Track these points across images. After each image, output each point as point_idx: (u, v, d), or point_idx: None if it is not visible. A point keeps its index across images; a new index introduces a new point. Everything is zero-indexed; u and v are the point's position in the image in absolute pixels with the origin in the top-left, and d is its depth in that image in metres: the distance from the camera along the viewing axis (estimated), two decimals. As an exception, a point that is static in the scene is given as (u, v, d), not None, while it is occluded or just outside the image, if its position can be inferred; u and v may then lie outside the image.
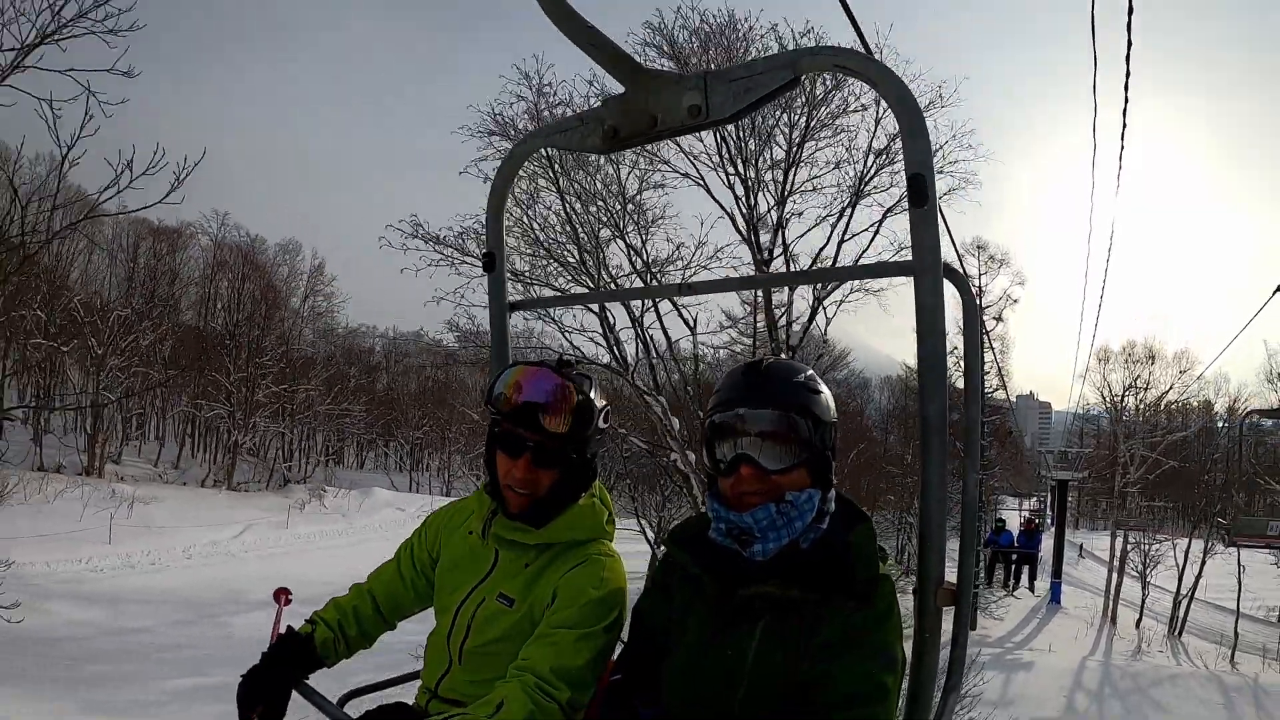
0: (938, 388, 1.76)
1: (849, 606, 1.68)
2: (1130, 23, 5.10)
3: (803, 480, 1.79)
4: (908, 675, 1.77)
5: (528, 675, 1.87)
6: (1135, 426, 32.20)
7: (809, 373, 1.88)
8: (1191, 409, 48.04)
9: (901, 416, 42.98)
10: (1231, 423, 41.03)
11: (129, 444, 43.57)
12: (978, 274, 24.99)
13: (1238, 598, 25.05)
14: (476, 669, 2.10)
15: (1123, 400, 33.13)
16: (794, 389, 1.81)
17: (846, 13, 3.32)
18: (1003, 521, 29.87)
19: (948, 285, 1.84)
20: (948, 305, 1.78)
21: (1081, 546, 43.98)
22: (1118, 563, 28.12)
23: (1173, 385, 33.45)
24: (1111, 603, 27.19)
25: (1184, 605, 26.40)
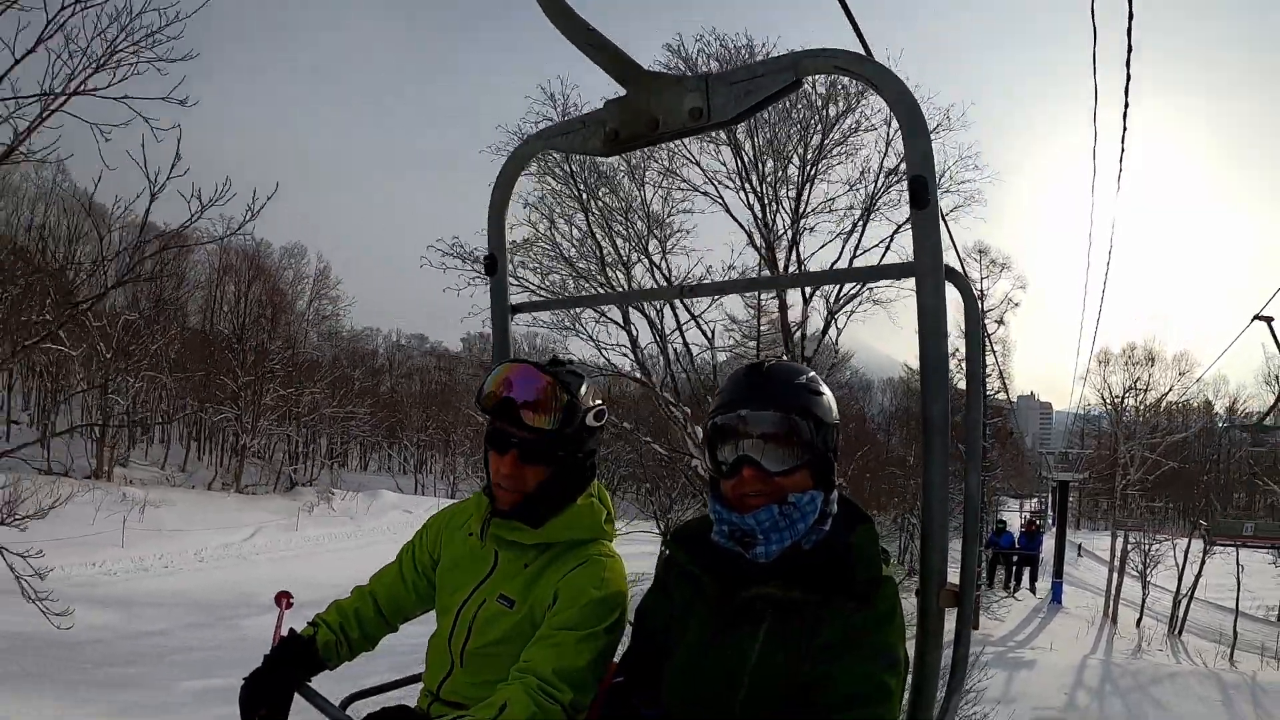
0: (940, 389, 1.76)
1: (850, 607, 1.68)
2: (1130, 28, 5.13)
3: (805, 482, 1.80)
4: (910, 676, 1.77)
5: (530, 677, 1.87)
6: (1135, 427, 32.33)
7: (810, 374, 1.89)
8: (1192, 409, 48.27)
9: (903, 418, 43.04)
10: (1230, 423, 41.32)
11: (135, 447, 43.76)
12: (979, 278, 25.15)
13: (1236, 597, 25.12)
14: (478, 671, 2.11)
15: (1123, 402, 33.29)
16: (796, 391, 1.81)
17: (847, 15, 3.29)
18: (1003, 523, 29.87)
19: (950, 287, 1.84)
20: (950, 307, 1.80)
21: (1080, 546, 44.00)
22: (1118, 563, 28.21)
23: (1172, 387, 33.68)
24: (1112, 602, 27.30)
25: (1184, 604, 26.46)
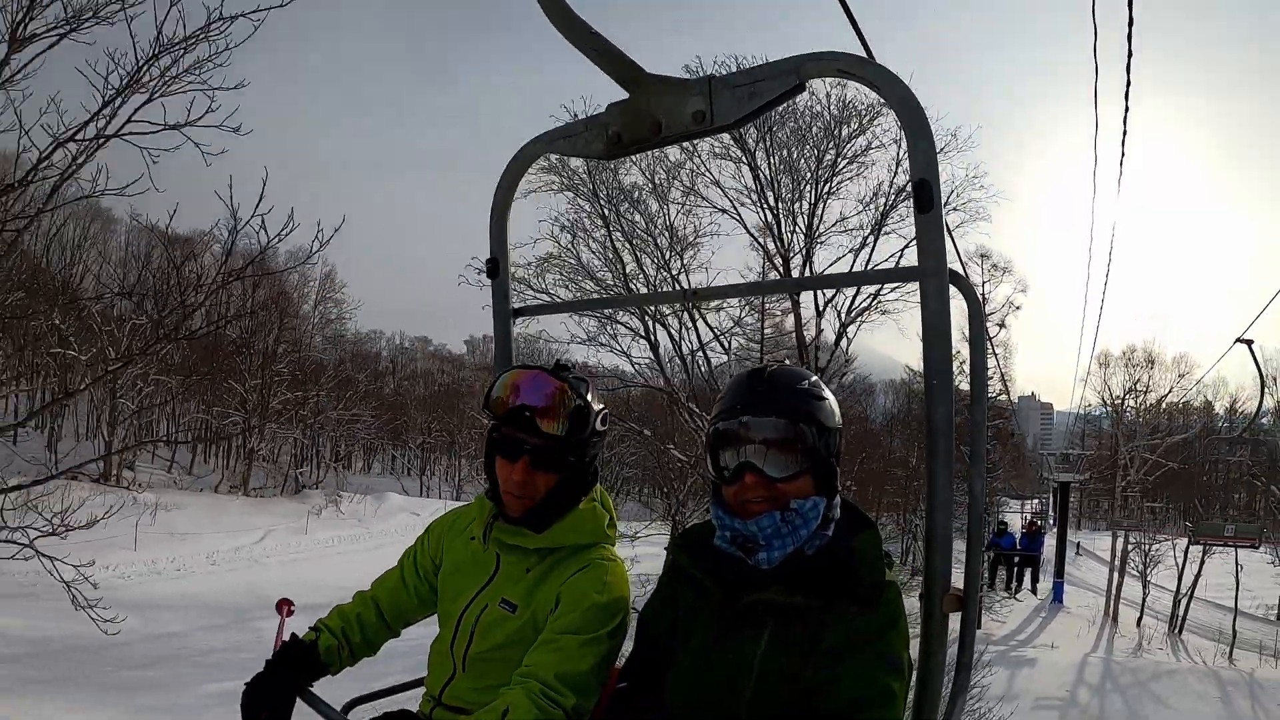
0: (945, 392, 1.74)
1: (854, 612, 1.67)
2: (1130, 33, 5.10)
3: (807, 488, 1.78)
4: (914, 680, 1.77)
5: (532, 681, 1.86)
6: (1136, 428, 32.50)
7: (813, 379, 1.87)
8: (1192, 409, 48.44)
9: (905, 420, 43.14)
10: (1217, 434, 41.54)
11: (142, 450, 43.90)
12: (981, 282, 25.28)
13: (1235, 596, 25.43)
14: (480, 675, 2.10)
15: (1123, 403, 33.46)
16: (798, 396, 1.80)
17: (849, 17, 3.26)
18: (1005, 524, 29.91)
19: (953, 290, 1.84)
20: (954, 311, 1.80)
21: (1079, 545, 44.18)
22: (1118, 563, 28.43)
23: (1171, 389, 33.86)
24: (1113, 602, 27.52)
25: (1184, 604, 26.73)
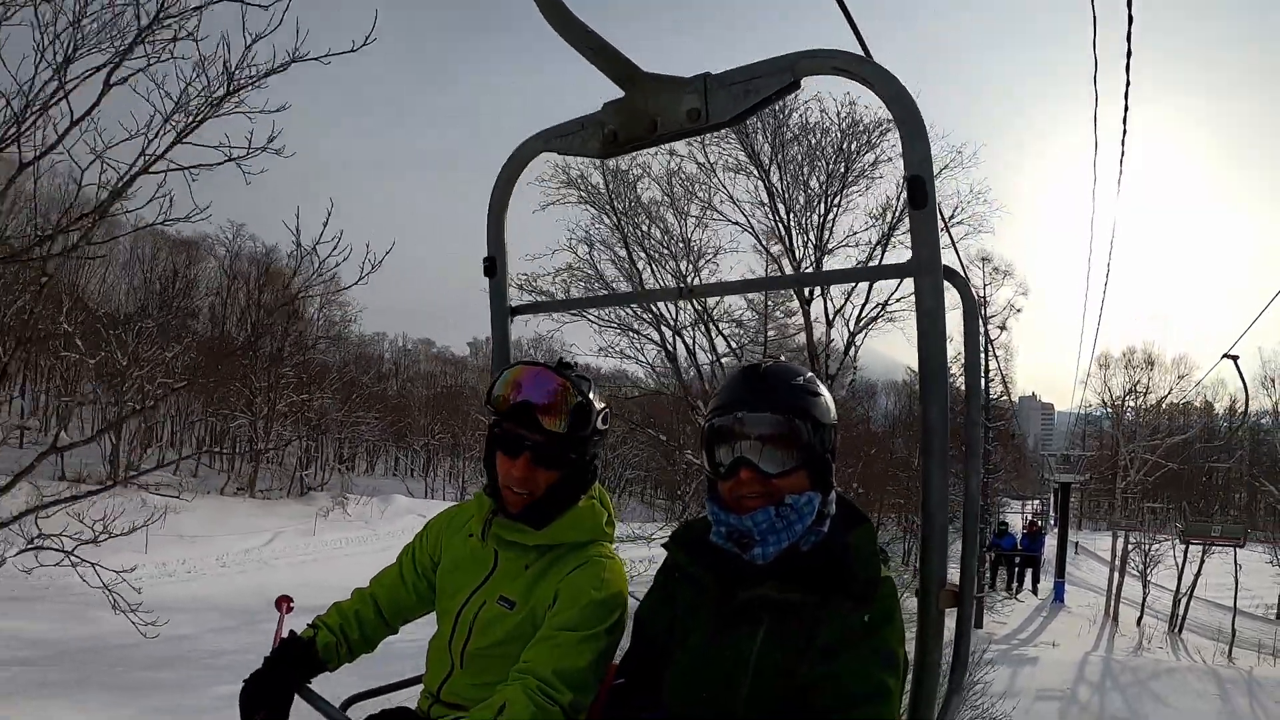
0: (939, 388, 1.75)
1: (849, 608, 1.67)
2: (1130, 33, 5.14)
3: (802, 483, 1.79)
4: (910, 676, 1.79)
5: (529, 678, 1.86)
6: (1136, 429, 32.57)
7: (808, 375, 1.87)
8: (1193, 409, 48.54)
9: (908, 421, 43.22)
10: (1246, 412, 41.65)
11: (147, 453, 44.04)
12: (982, 285, 25.33)
13: (1234, 595, 25.56)
14: (478, 672, 2.10)
15: (1123, 404, 33.55)
16: (793, 392, 1.80)
17: (845, 15, 3.27)
18: (1005, 524, 29.91)
19: (948, 288, 1.84)
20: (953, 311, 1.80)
21: (1077, 544, 44.16)
22: (1119, 563, 28.56)
23: (1171, 390, 33.95)
24: (1113, 601, 27.65)
25: (1183, 603, 26.87)
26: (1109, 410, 34.84)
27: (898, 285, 19.56)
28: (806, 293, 20.05)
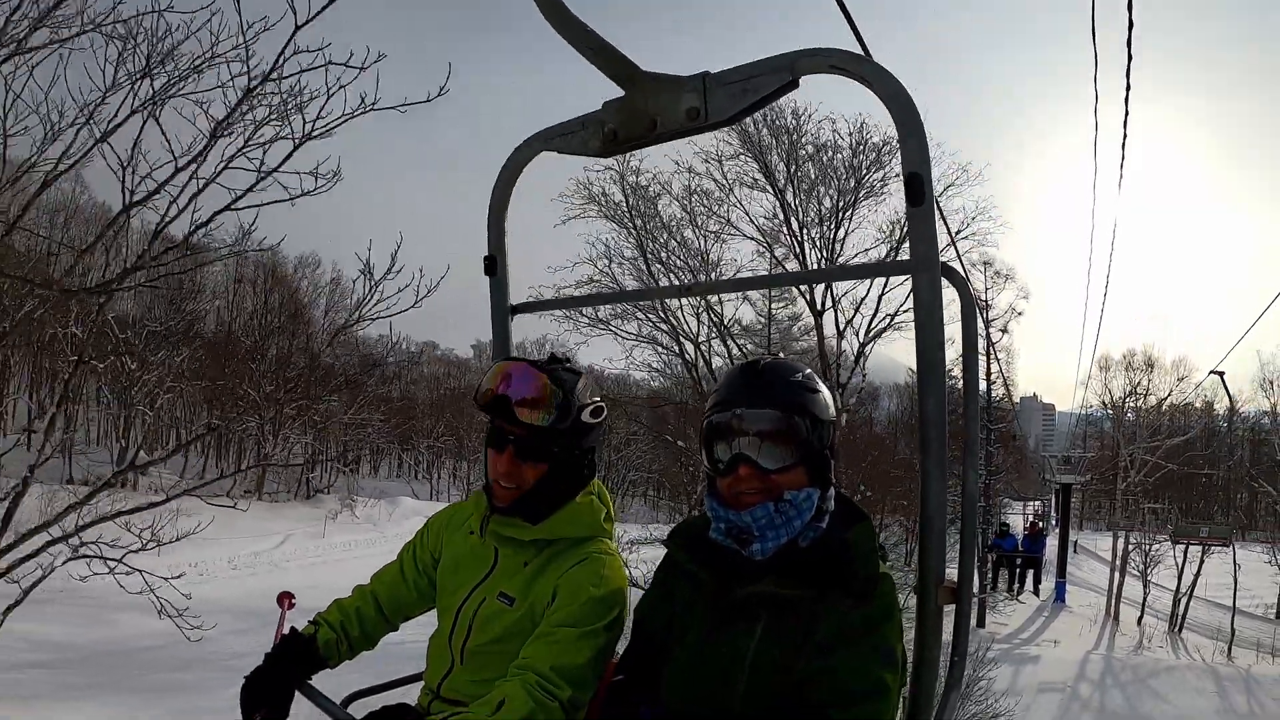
0: (936, 384, 1.75)
1: (848, 604, 1.67)
2: (1130, 38, 5.16)
3: (801, 479, 1.78)
4: (909, 673, 1.78)
5: (528, 674, 1.87)
6: (1136, 431, 32.69)
7: (806, 371, 1.87)
8: (1193, 410, 48.67)
9: (910, 422, 43.24)
10: (1232, 423, 41.94)
11: (154, 455, 44.02)
12: (984, 289, 25.39)
13: (1234, 595, 25.79)
14: (478, 669, 2.11)
15: (1123, 406, 33.66)
16: (791, 388, 1.81)
17: (845, 14, 3.25)
18: (1007, 525, 30.03)
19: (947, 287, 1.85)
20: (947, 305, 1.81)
21: (1076, 543, 44.28)
22: (1119, 563, 28.72)
23: (1171, 392, 34.07)
24: (1114, 601, 27.85)
25: (1183, 603, 27.08)
26: (1109, 412, 35.00)
27: (907, 298, 20.08)
28: (819, 304, 20.64)
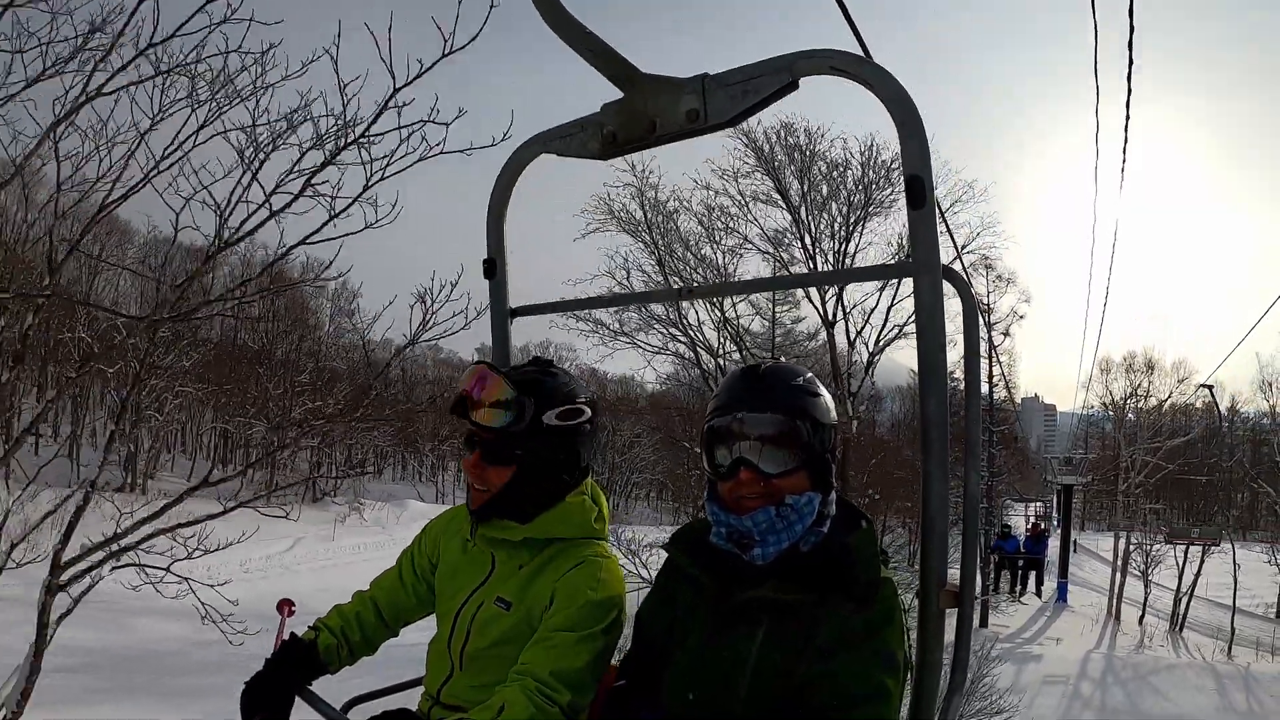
0: (937, 386, 1.75)
1: (849, 609, 1.67)
2: (1131, 41, 5.24)
3: (802, 483, 1.78)
4: (911, 677, 1.77)
5: (528, 679, 1.86)
6: (1137, 432, 32.83)
7: (808, 375, 1.86)
8: (1194, 411, 48.94)
9: (913, 425, 43.45)
10: (1222, 431, 42.22)
11: (162, 460, 44.22)
12: (986, 293, 25.45)
13: (1234, 594, 26.02)
14: (478, 673, 2.10)
15: (1124, 407, 33.83)
16: (792, 392, 1.80)
17: (845, 15, 3.23)
18: (1009, 527, 30.11)
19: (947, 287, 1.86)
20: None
21: (1076, 543, 44.40)
22: (1120, 563, 28.90)
23: (1171, 394, 34.23)
24: (1115, 601, 28.08)
25: (1184, 602, 27.28)
26: (1110, 413, 35.20)
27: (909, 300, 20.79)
28: (830, 316, 21.31)
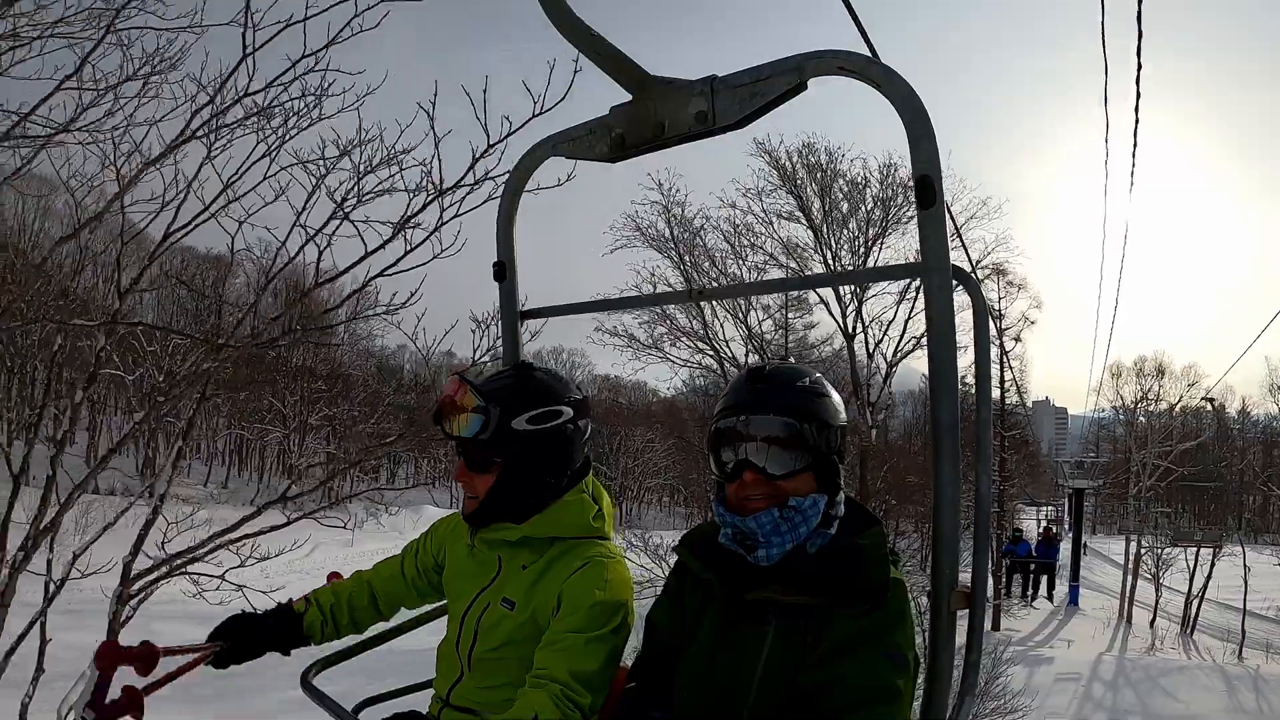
0: (948, 388, 1.73)
1: (859, 610, 1.67)
2: (1140, 46, 5.22)
3: (808, 485, 1.78)
4: (922, 678, 1.78)
5: (552, 684, 1.84)
6: (1148, 436, 32.85)
7: (814, 376, 1.86)
8: (1205, 414, 48.94)
9: (925, 429, 43.56)
10: (1243, 428, 42.32)
11: (179, 465, 44.54)
12: (997, 298, 25.73)
13: (1244, 597, 26.08)
14: (486, 675, 2.11)
15: (1135, 412, 33.89)
16: (797, 394, 1.79)
17: (851, 15, 3.22)
18: (1020, 531, 30.10)
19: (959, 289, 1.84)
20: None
21: (1086, 544, 44.34)
22: (1131, 566, 29.02)
23: (1181, 398, 34.28)
24: (1126, 604, 28.14)
25: (1195, 605, 27.40)
26: (1120, 418, 35.33)
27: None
28: (850, 329, 22.06)
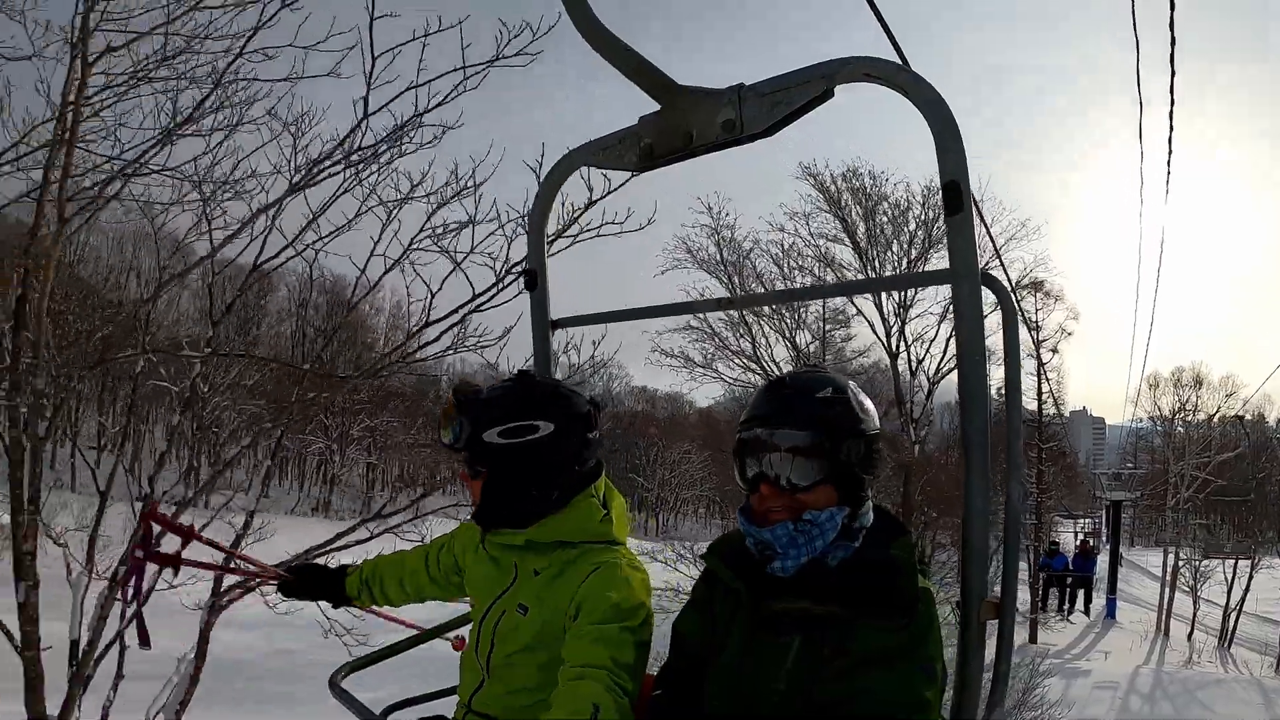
0: (979, 396, 1.70)
1: (885, 621, 1.65)
2: (1173, 54, 5.19)
3: (827, 497, 1.76)
4: (951, 689, 1.76)
5: (598, 671, 1.81)
6: (1186, 447, 32.51)
7: (837, 385, 1.83)
8: (1245, 423, 48.24)
9: (956, 437, 43.29)
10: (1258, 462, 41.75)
11: (219, 476, 45.11)
12: (1034, 310, 25.87)
13: (1283, 610, 25.74)
14: (505, 681, 2.11)
15: (1173, 423, 33.60)
16: (816, 405, 1.78)
17: (880, 21, 3.22)
18: (1057, 544, 29.82)
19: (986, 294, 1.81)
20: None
21: (1121, 556, 43.73)
22: (1169, 578, 28.77)
23: (1219, 408, 33.91)
24: (1164, 617, 27.94)
25: (1233, 618, 27.13)
26: (1158, 429, 35.03)
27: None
28: (893, 346, 23.13)
